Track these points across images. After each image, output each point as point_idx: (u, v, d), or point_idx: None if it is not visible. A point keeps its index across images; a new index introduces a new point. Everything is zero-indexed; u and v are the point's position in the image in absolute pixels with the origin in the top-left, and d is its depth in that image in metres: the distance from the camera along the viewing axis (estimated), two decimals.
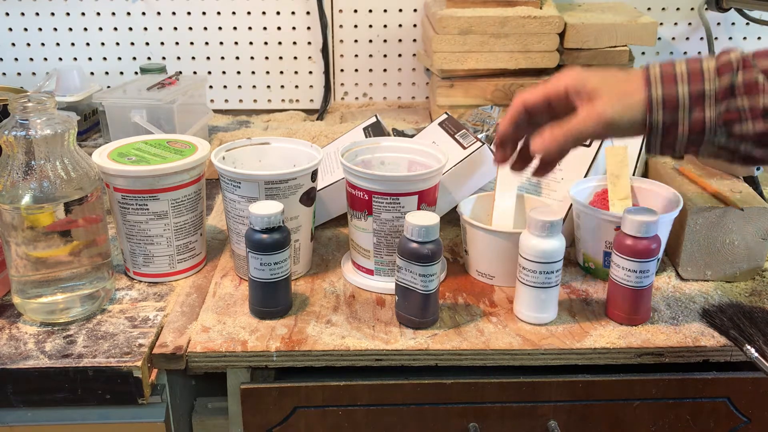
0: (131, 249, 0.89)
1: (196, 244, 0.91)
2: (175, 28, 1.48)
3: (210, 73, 1.52)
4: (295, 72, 1.53)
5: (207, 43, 1.50)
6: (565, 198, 0.95)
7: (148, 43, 1.49)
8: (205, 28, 1.49)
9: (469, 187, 0.95)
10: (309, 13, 1.48)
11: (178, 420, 0.84)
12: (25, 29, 1.48)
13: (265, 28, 1.49)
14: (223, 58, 1.51)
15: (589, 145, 0.98)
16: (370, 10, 1.48)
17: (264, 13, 1.48)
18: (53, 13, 1.47)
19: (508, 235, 0.86)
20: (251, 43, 1.50)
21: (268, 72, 1.53)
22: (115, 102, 1.15)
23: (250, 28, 1.49)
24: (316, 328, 0.81)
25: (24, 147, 0.76)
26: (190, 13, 1.47)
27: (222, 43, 1.50)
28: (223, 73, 1.52)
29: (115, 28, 1.48)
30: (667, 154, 0.71)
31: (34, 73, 1.52)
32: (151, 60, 1.50)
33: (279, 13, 1.48)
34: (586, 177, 0.96)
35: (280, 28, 1.49)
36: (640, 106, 0.68)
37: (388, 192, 0.83)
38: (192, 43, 1.50)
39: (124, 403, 0.78)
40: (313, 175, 0.88)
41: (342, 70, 1.53)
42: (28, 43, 1.49)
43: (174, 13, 1.47)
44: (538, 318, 0.82)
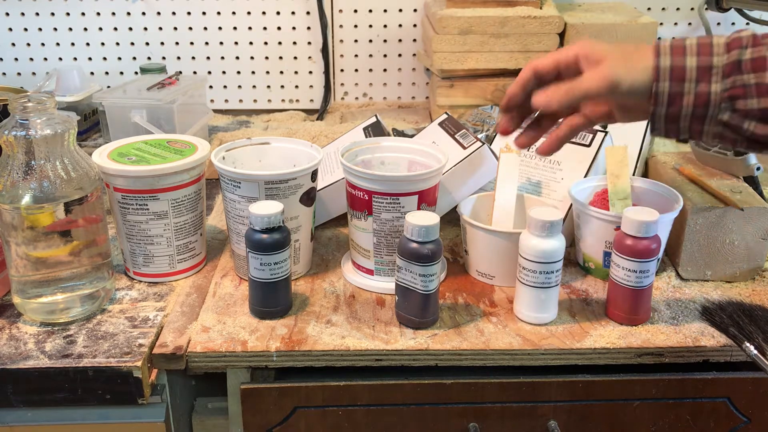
0: (131, 249, 0.89)
1: (196, 244, 0.91)
2: (175, 28, 1.49)
3: (210, 73, 1.52)
4: (295, 72, 1.53)
5: (207, 43, 1.50)
6: (565, 198, 0.95)
7: (148, 43, 1.49)
8: (205, 28, 1.49)
9: (469, 187, 0.95)
10: (309, 13, 1.48)
11: (178, 420, 0.84)
12: (25, 29, 1.48)
13: (265, 28, 1.49)
14: (223, 58, 1.51)
15: (589, 144, 0.98)
16: (370, 10, 1.48)
17: (264, 13, 1.48)
18: (53, 13, 1.47)
19: (508, 235, 0.86)
20: (251, 43, 1.50)
21: (268, 72, 1.53)
22: (115, 102, 1.15)
23: (250, 28, 1.49)
24: (316, 328, 0.81)
25: (24, 147, 0.76)
26: (190, 13, 1.47)
27: (222, 43, 1.50)
28: (223, 73, 1.52)
29: (115, 28, 1.48)
30: (672, 135, 0.72)
31: (34, 73, 1.52)
32: (151, 60, 1.50)
33: (279, 13, 1.48)
34: (586, 177, 0.96)
35: (280, 28, 1.49)
36: (647, 72, 0.68)
37: (388, 192, 0.83)
38: (192, 43, 1.50)
39: (124, 403, 0.78)
40: (313, 175, 0.88)
41: (342, 70, 1.53)
42: (28, 43, 1.49)
43: (174, 13, 1.47)
44: (538, 318, 0.82)
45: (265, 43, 1.50)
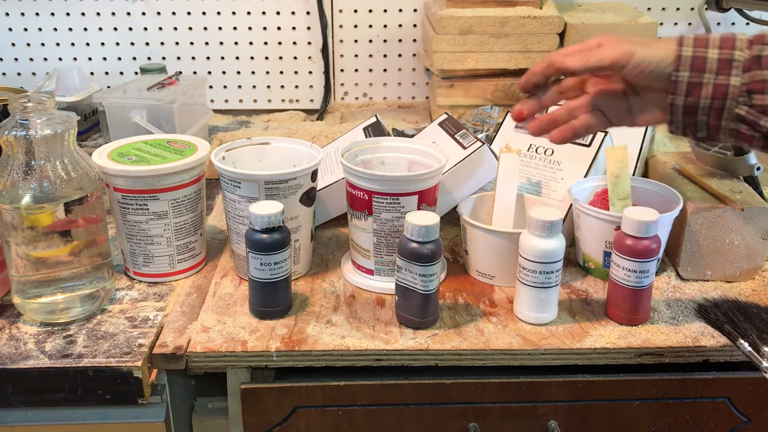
0: (131, 249, 0.89)
1: (196, 244, 0.91)
2: (175, 28, 1.48)
3: (210, 73, 1.52)
4: (295, 72, 1.53)
5: (207, 43, 1.50)
6: (565, 198, 0.95)
7: (148, 43, 1.49)
8: (205, 28, 1.49)
9: (469, 187, 0.95)
10: (309, 13, 1.48)
11: (178, 420, 0.84)
12: (25, 29, 1.48)
13: (265, 28, 1.49)
14: (223, 58, 1.51)
15: (589, 144, 0.98)
16: (370, 10, 1.48)
17: (264, 13, 1.48)
18: (53, 13, 1.47)
19: (508, 235, 0.86)
20: (251, 43, 1.50)
21: (268, 72, 1.53)
22: (115, 102, 1.15)
23: (250, 28, 1.49)
24: (316, 328, 0.81)
25: (24, 147, 0.76)
26: (190, 13, 1.47)
27: (222, 43, 1.50)
28: (223, 73, 1.52)
29: (115, 28, 1.48)
30: (689, 131, 0.72)
31: (34, 73, 1.52)
32: (151, 60, 1.50)
33: (279, 13, 1.48)
34: (586, 177, 0.96)
35: (280, 28, 1.49)
36: (669, 55, 0.70)
37: (388, 192, 0.83)
38: (192, 43, 1.50)
39: (124, 403, 0.78)
40: (313, 175, 0.88)
41: (342, 70, 1.53)
42: (28, 43, 1.49)
43: (174, 13, 1.47)
44: (538, 318, 0.82)
45: (265, 43, 1.50)
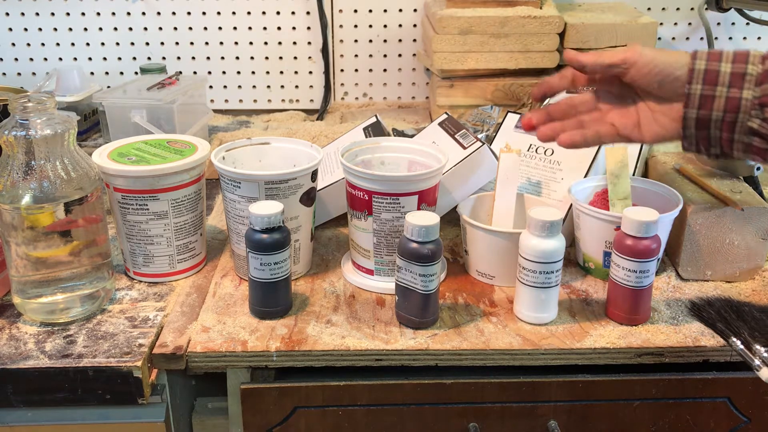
0: (131, 249, 0.89)
1: (196, 244, 0.91)
2: (175, 28, 1.48)
3: (210, 73, 1.52)
4: (295, 72, 1.53)
5: (207, 43, 1.50)
6: (565, 198, 0.95)
7: (148, 43, 1.49)
8: (205, 28, 1.49)
9: (469, 187, 0.95)
10: (309, 13, 1.48)
11: (178, 420, 0.84)
12: (25, 29, 1.48)
13: (265, 28, 1.49)
14: (223, 58, 1.51)
15: None
16: (370, 10, 1.48)
17: (264, 13, 1.48)
18: (53, 13, 1.47)
19: (508, 235, 0.86)
20: (251, 43, 1.50)
21: (268, 72, 1.53)
22: (115, 102, 1.15)
23: (250, 28, 1.49)
24: (316, 328, 0.81)
25: (24, 147, 0.76)
26: (190, 13, 1.47)
27: (222, 43, 1.50)
28: (223, 73, 1.52)
29: (115, 28, 1.48)
30: (703, 145, 0.73)
31: (34, 73, 1.52)
32: (151, 60, 1.50)
33: (279, 13, 1.48)
34: (586, 177, 0.96)
35: (280, 28, 1.49)
36: (679, 60, 0.72)
37: (388, 192, 0.83)
38: (192, 43, 1.50)
39: (124, 403, 0.78)
40: (313, 175, 0.88)
41: (342, 70, 1.53)
42: (28, 43, 1.49)
43: (174, 13, 1.47)
44: (538, 318, 0.82)
45: (265, 43, 1.50)
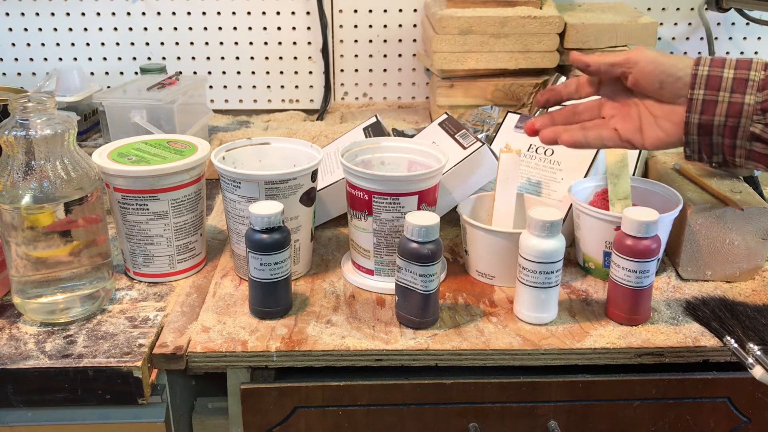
0: (131, 249, 0.89)
1: (196, 244, 0.91)
2: (175, 28, 1.48)
3: (210, 73, 1.52)
4: (295, 72, 1.53)
5: (207, 43, 1.50)
6: (565, 198, 0.95)
7: (148, 43, 1.49)
8: (205, 28, 1.49)
9: (469, 187, 0.95)
10: (309, 13, 1.48)
11: (178, 420, 0.84)
12: (25, 29, 1.48)
13: (265, 28, 1.49)
14: (223, 58, 1.51)
15: None
16: (370, 10, 1.48)
17: (264, 13, 1.48)
18: (53, 13, 1.47)
19: (508, 235, 0.86)
20: (251, 43, 1.50)
21: (268, 72, 1.53)
22: (115, 102, 1.15)
23: (250, 28, 1.49)
24: (316, 328, 0.81)
25: (24, 147, 0.76)
26: (190, 13, 1.47)
27: (222, 43, 1.50)
28: (223, 73, 1.52)
29: (115, 28, 1.48)
30: (705, 153, 0.74)
31: (34, 73, 1.52)
32: (151, 60, 1.50)
33: (279, 13, 1.48)
34: (586, 177, 0.96)
35: (280, 28, 1.49)
36: (682, 61, 0.73)
37: (388, 192, 0.83)
38: (192, 43, 1.50)
39: (124, 403, 0.78)
40: (313, 175, 0.88)
41: (342, 70, 1.53)
42: (28, 43, 1.49)
43: (174, 13, 1.47)
44: (538, 318, 0.82)
45: (265, 43, 1.50)
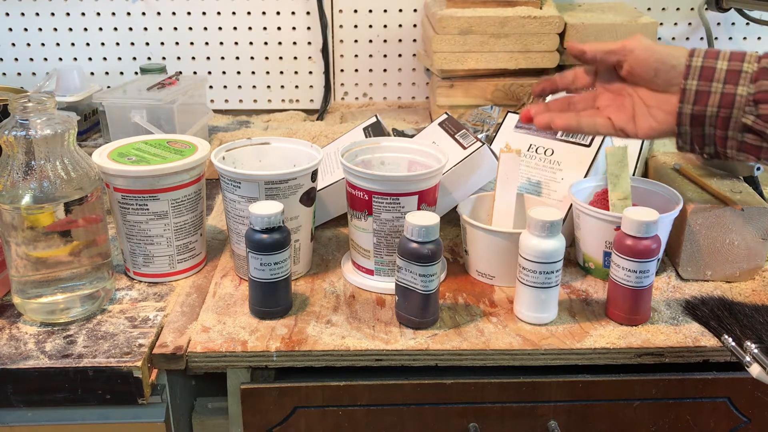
0: (131, 249, 0.89)
1: (196, 244, 0.91)
2: (175, 28, 1.48)
3: (210, 73, 1.52)
4: (295, 72, 1.53)
5: (207, 43, 1.50)
6: (565, 198, 0.95)
7: (148, 43, 1.49)
8: (205, 28, 1.49)
9: (469, 187, 0.95)
10: (309, 13, 1.48)
11: (178, 420, 0.84)
12: (25, 29, 1.48)
13: (265, 28, 1.49)
14: (223, 58, 1.51)
15: (589, 145, 0.98)
16: (370, 10, 1.48)
17: (264, 13, 1.48)
18: (53, 13, 1.47)
19: (508, 235, 0.86)
20: (251, 43, 1.50)
21: (268, 72, 1.53)
22: (115, 102, 1.15)
23: (250, 28, 1.49)
24: (316, 328, 0.81)
25: (24, 147, 0.76)
26: (190, 13, 1.47)
27: (222, 43, 1.50)
28: (223, 73, 1.52)
29: (115, 28, 1.48)
30: (697, 144, 0.74)
31: (34, 73, 1.52)
32: (151, 60, 1.50)
33: (279, 13, 1.48)
34: (586, 177, 0.96)
35: (280, 28, 1.49)
36: (677, 50, 0.73)
37: (388, 192, 0.83)
38: (192, 43, 1.50)
39: (124, 403, 0.78)
40: (313, 175, 0.88)
41: (342, 70, 1.53)
42: (28, 43, 1.49)
43: (174, 13, 1.47)
44: (538, 318, 0.82)
45: (265, 43, 1.50)
